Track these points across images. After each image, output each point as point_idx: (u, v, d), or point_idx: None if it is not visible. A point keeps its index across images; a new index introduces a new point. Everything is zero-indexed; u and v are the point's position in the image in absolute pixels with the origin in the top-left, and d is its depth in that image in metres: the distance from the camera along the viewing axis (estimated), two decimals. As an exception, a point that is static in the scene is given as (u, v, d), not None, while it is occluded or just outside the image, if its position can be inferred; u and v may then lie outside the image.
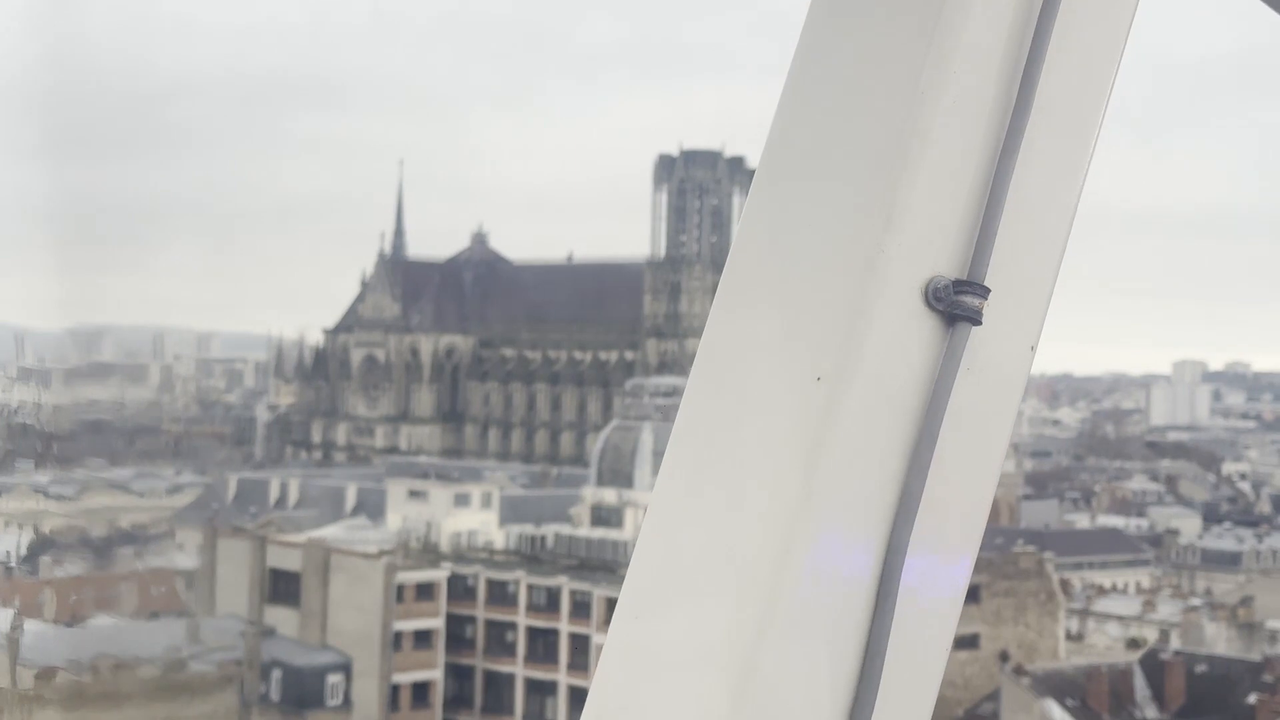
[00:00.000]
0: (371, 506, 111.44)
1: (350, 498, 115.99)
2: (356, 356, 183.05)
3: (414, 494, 72.64)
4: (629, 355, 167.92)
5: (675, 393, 78.29)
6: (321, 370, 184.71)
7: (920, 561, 1.67)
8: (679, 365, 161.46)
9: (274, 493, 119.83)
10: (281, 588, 66.90)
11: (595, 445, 78.83)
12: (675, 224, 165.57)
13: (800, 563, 1.60)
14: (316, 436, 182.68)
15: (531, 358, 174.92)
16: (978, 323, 1.64)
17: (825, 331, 1.61)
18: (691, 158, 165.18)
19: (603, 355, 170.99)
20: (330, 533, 68.88)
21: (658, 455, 64.36)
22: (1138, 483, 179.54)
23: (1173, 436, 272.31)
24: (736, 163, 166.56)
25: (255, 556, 67.80)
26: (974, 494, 1.74)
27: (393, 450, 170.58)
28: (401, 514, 72.10)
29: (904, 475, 1.63)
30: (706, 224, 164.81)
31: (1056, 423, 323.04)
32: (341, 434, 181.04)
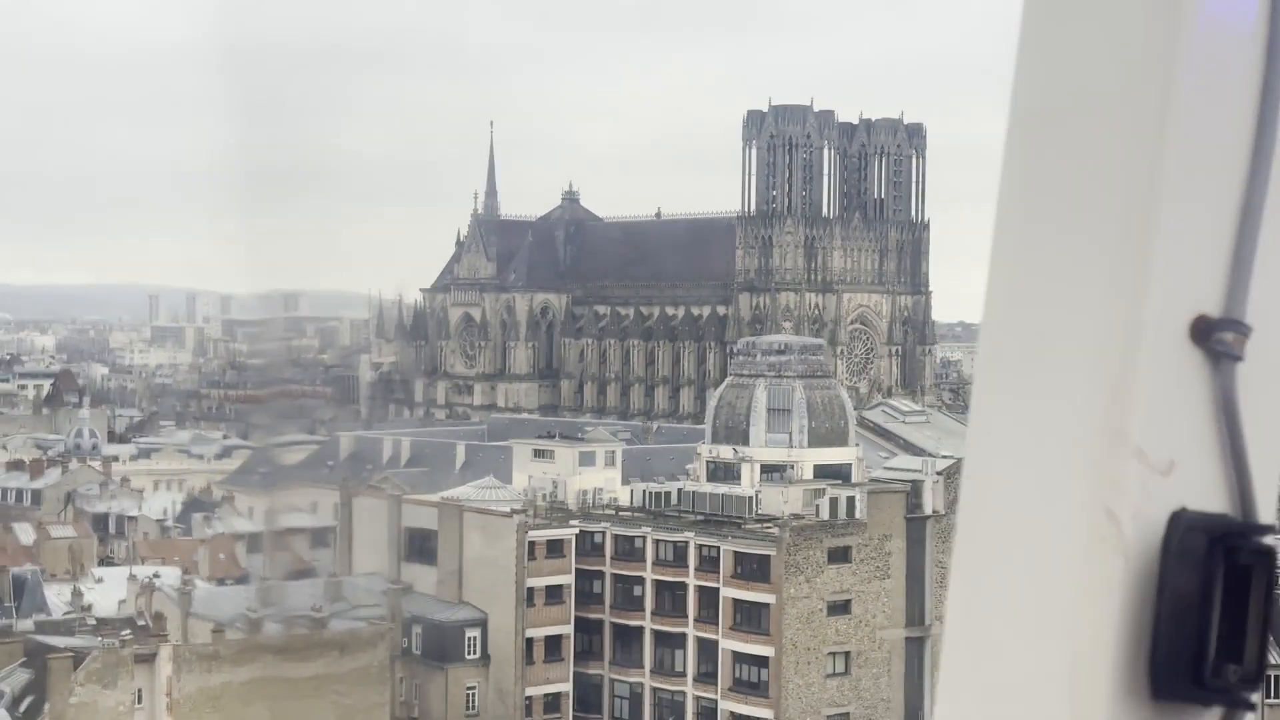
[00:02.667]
0: (481, 464, 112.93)
1: (460, 455, 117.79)
2: (454, 315, 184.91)
3: (539, 453, 73.84)
4: (722, 310, 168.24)
5: (787, 350, 78.88)
6: (421, 329, 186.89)
7: None
8: (773, 319, 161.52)
9: (387, 451, 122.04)
10: (417, 546, 68.51)
11: (710, 403, 79.61)
12: (765, 179, 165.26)
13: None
14: (418, 395, 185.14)
15: (625, 314, 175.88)
16: None
17: None
18: (781, 113, 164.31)
19: (695, 310, 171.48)
20: (461, 492, 70.31)
21: (772, 412, 64.62)
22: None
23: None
24: (826, 116, 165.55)
25: (391, 516, 69.46)
26: None
27: (490, 407, 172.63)
28: (527, 473, 73.32)
29: None
30: (797, 178, 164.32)
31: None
32: (441, 392, 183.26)
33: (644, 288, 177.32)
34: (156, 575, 74.87)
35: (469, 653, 64.09)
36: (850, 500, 65.51)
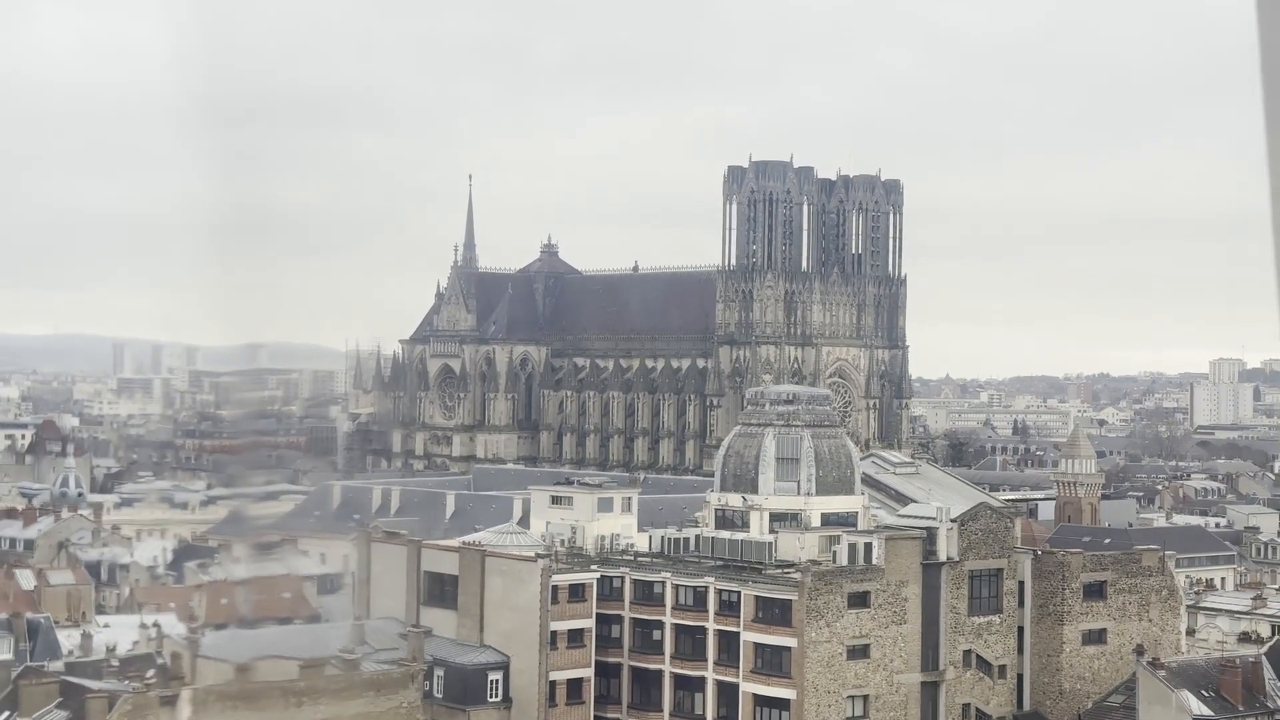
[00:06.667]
0: (471, 513, 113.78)
1: (449, 505, 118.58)
2: (433, 367, 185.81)
3: (556, 500, 74.79)
4: (701, 363, 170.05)
5: (795, 400, 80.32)
6: (399, 380, 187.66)
7: None
8: (752, 372, 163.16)
9: (375, 500, 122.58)
10: (436, 590, 69.10)
11: (718, 452, 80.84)
12: (745, 234, 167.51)
13: None
14: (396, 445, 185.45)
15: (604, 366, 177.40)
16: None
17: None
18: (761, 169, 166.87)
19: (675, 363, 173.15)
20: (482, 537, 71.08)
21: (780, 461, 65.85)
22: (1197, 481, 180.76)
23: (1220, 435, 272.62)
24: (806, 172, 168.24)
25: (410, 561, 70.03)
26: None
27: (470, 458, 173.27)
28: (544, 519, 74.22)
29: None
30: (777, 233, 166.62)
31: (1103, 423, 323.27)
32: (420, 443, 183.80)
33: (623, 340, 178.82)
34: (156, 624, 75.27)
35: (491, 695, 64.67)
36: (868, 546, 66.74)
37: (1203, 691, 61.93)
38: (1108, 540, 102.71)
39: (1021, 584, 70.54)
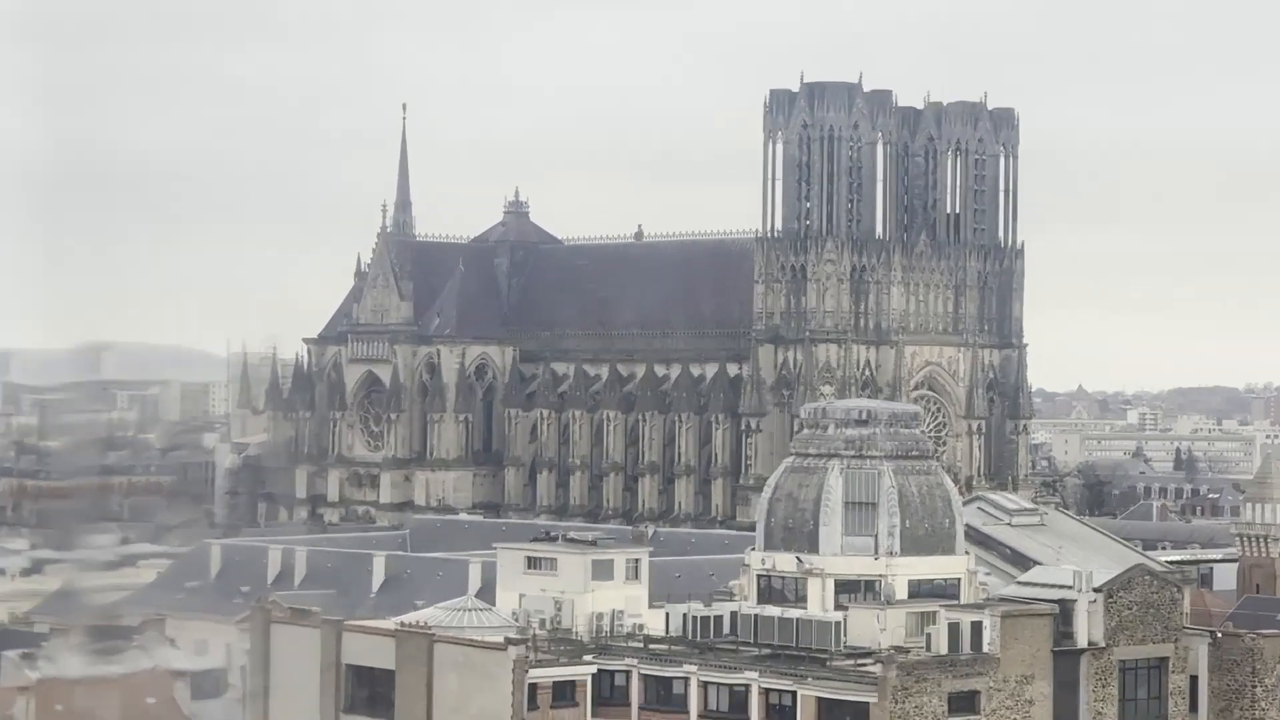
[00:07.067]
0: (409, 583, 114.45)
1: (377, 571, 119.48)
2: (352, 376, 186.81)
3: (534, 563, 75.20)
4: (733, 369, 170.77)
5: (871, 419, 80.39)
6: (304, 396, 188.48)
7: None
8: (806, 382, 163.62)
9: (273, 565, 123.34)
10: (365, 692, 69.55)
11: (762, 494, 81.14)
12: (794, 186, 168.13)
13: None
14: (300, 489, 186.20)
15: (595, 374, 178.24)
16: None
17: None
18: (817, 92, 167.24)
19: (695, 370, 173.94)
20: (428, 616, 71.50)
21: (850, 506, 66.35)
22: None
23: None
24: (880, 98, 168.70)
25: (326, 650, 70.47)
26: None
27: (406, 505, 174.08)
28: (517, 590, 74.65)
29: None
30: (840, 185, 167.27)
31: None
32: (334, 485, 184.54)
33: (622, 337, 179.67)
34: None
35: (443, 843, 65.09)
36: (976, 627, 67.08)
37: None
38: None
39: (1194, 679, 70.91)
